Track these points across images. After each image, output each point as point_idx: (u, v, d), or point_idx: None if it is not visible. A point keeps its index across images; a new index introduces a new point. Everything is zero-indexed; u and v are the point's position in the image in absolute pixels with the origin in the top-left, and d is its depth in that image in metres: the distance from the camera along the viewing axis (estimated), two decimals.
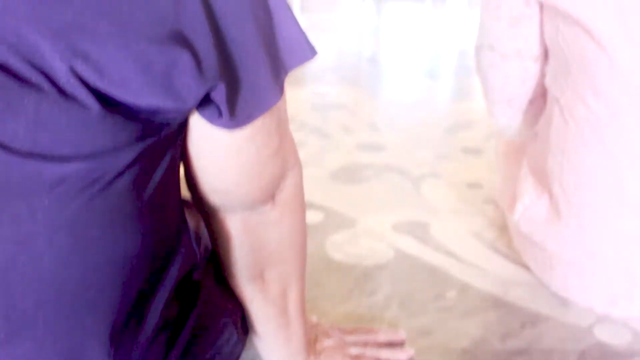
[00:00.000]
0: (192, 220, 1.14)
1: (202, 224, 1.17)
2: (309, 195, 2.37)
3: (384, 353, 1.34)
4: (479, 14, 1.79)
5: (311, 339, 1.26)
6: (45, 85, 0.71)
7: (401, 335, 1.42)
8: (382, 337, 1.39)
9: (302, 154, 2.74)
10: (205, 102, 0.84)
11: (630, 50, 1.35)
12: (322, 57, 4.42)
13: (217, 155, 0.93)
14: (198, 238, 1.14)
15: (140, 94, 0.75)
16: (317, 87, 3.62)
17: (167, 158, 0.89)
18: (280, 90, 0.91)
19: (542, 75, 1.67)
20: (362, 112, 3.20)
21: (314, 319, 1.38)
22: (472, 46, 1.69)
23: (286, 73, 0.90)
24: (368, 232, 1.97)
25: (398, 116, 3.14)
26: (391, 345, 1.39)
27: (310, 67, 4.17)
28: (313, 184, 2.30)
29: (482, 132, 2.84)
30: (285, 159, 1.02)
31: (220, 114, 0.86)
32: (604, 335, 1.49)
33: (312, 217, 2.05)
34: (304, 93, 3.53)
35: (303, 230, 1.13)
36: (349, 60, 4.41)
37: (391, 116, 3.13)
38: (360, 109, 3.26)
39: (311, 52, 0.92)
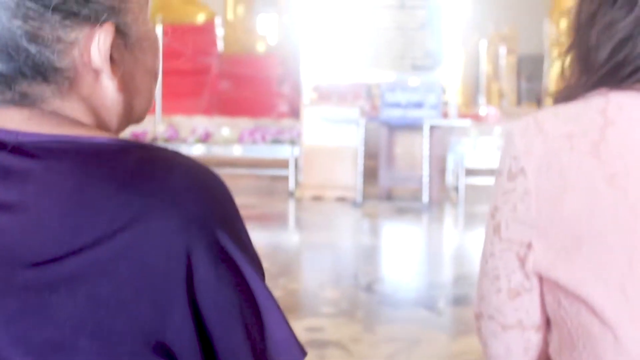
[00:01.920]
0: None
1: None
2: None
3: None
4: (479, 279, 1.82)
5: None
6: None
7: None
8: None
9: None
10: None
11: (635, 329, 1.37)
12: (319, 285, 4.47)
13: None
14: None
15: None
16: (313, 321, 3.64)
17: None
18: None
19: (546, 343, 1.68)
20: (359, 351, 3.20)
21: None
22: (469, 271, 1.71)
23: None
24: None
25: (397, 356, 3.12)
26: None
27: (307, 297, 4.20)
28: None
29: None
30: None
31: None
32: None
33: None
34: (299, 327, 3.53)
35: None
36: (345, 289, 4.45)
37: (390, 355, 3.12)
38: (358, 346, 3.25)
39: (300, 354, 0.92)
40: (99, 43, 0.79)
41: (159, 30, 9.09)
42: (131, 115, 0.88)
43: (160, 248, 0.73)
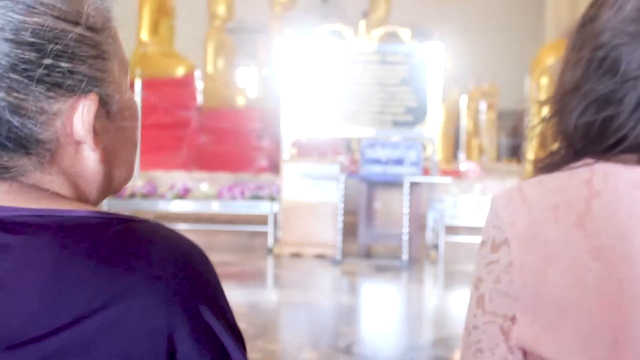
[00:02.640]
0: None
1: None
2: None
3: None
4: (462, 352, 1.80)
5: None
6: None
7: None
8: None
9: None
10: None
11: None
12: (297, 347, 4.42)
13: None
14: None
15: None
16: None
17: None
18: None
19: None
20: None
21: None
22: (449, 332, 1.68)
23: None
24: None
25: None
26: None
27: (286, 358, 4.14)
28: None
29: None
30: None
31: None
32: None
33: None
34: None
35: None
36: (324, 351, 4.42)
37: None
38: None
39: None
40: (82, 114, 0.80)
41: (137, 83, 9.12)
42: (111, 186, 0.88)
43: (143, 325, 0.73)
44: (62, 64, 0.77)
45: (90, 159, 0.82)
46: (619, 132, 1.14)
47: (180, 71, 12.81)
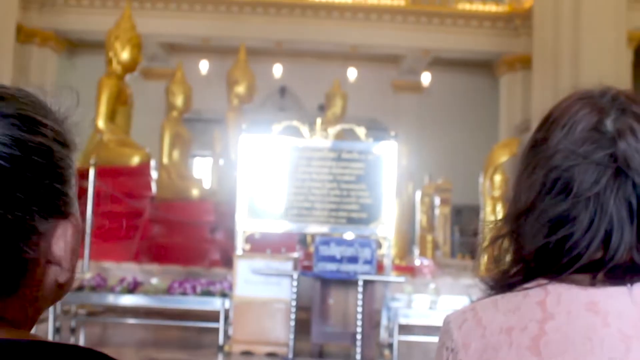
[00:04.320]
0: None
1: None
2: None
3: None
4: None
5: None
6: None
7: None
8: None
9: None
10: None
11: None
12: None
13: None
14: None
15: None
16: None
17: None
18: None
19: None
20: None
21: None
22: None
23: None
24: None
25: None
26: None
27: None
28: None
29: None
30: None
31: None
32: None
33: None
34: None
35: None
36: None
37: None
38: None
39: None
40: (66, 236, 0.79)
41: (92, 171, 9.05)
42: (55, 298, 0.86)
43: None
44: (56, 185, 0.78)
45: (50, 278, 0.81)
46: (572, 252, 1.15)
47: (135, 160, 12.78)
